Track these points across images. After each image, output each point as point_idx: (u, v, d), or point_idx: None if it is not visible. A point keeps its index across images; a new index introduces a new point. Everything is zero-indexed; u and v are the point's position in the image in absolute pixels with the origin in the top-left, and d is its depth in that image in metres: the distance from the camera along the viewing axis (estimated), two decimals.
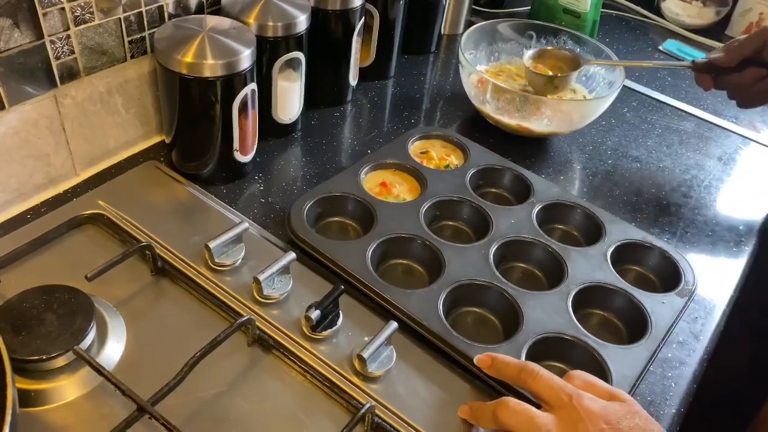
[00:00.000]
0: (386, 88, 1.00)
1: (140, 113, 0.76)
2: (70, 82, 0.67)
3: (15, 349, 0.51)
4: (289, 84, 0.81)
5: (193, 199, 0.72)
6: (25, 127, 0.65)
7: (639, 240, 0.74)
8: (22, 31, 0.61)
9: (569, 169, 0.89)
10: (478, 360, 0.57)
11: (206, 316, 0.61)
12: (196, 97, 0.69)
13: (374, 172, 0.78)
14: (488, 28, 1.00)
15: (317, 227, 0.72)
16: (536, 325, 0.62)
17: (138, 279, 0.63)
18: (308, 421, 0.54)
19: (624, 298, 0.67)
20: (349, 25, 0.85)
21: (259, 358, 0.58)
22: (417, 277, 0.69)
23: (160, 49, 0.67)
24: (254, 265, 0.64)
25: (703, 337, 0.68)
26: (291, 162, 0.82)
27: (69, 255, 0.64)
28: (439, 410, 0.56)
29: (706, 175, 0.92)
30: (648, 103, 1.06)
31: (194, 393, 0.54)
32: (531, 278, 0.71)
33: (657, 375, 0.63)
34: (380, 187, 0.77)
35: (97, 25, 0.67)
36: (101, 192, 0.71)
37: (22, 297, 0.55)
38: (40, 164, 0.68)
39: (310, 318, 0.57)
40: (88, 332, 0.54)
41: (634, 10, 1.37)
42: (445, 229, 0.75)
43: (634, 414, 0.50)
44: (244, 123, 0.72)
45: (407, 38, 1.02)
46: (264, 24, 0.74)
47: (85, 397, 0.53)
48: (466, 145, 0.84)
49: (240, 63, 0.67)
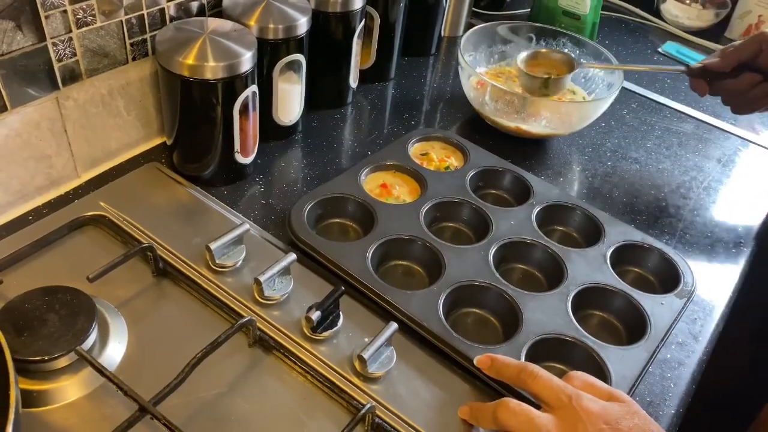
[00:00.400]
0: (386, 90, 1.00)
1: (141, 115, 0.77)
2: (72, 84, 0.68)
3: (17, 350, 0.51)
4: (290, 86, 0.81)
5: (194, 200, 0.73)
6: (27, 128, 0.65)
7: (638, 241, 0.74)
8: (24, 34, 0.61)
9: (569, 170, 0.90)
10: (477, 361, 0.57)
11: (207, 317, 0.61)
12: (197, 99, 0.69)
13: (374, 173, 0.79)
14: (488, 30, 1.00)
15: (318, 228, 0.72)
16: (536, 326, 0.62)
17: (139, 280, 0.63)
18: (309, 421, 0.54)
19: (623, 299, 0.67)
20: (350, 28, 0.86)
21: (259, 358, 0.58)
22: (417, 279, 0.69)
23: (161, 51, 0.67)
24: (255, 267, 0.65)
25: (702, 338, 0.69)
26: (292, 164, 0.83)
27: (71, 256, 0.64)
28: (439, 411, 0.56)
29: (705, 176, 0.92)
30: (647, 105, 1.07)
31: (195, 393, 0.54)
32: (531, 279, 0.71)
33: (656, 376, 0.64)
34: (380, 189, 0.77)
35: (99, 27, 0.68)
36: (103, 193, 0.71)
37: (25, 298, 0.56)
38: (41, 166, 0.69)
39: (310, 319, 0.58)
40: (90, 333, 0.54)
41: (634, 13, 1.37)
42: (445, 230, 0.76)
43: (634, 414, 0.50)
44: (245, 125, 0.73)
45: (407, 40, 1.02)
46: (265, 26, 0.74)
47: (87, 397, 0.53)
48: (466, 147, 0.84)
49: (241, 65, 0.68)
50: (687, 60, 1.22)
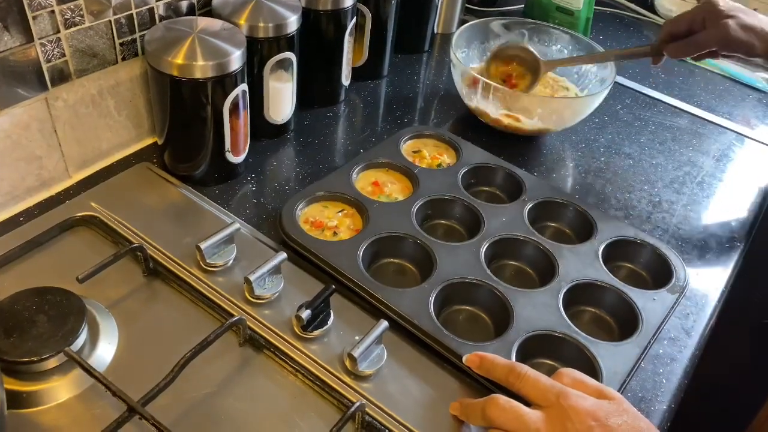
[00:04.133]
0: (379, 87, 1.00)
1: (132, 115, 0.77)
2: (61, 85, 0.68)
3: (6, 351, 0.52)
4: (281, 84, 0.81)
5: (185, 200, 0.72)
6: (16, 130, 0.65)
7: (631, 237, 0.74)
8: (12, 35, 0.61)
9: (561, 166, 0.90)
10: (467, 359, 0.57)
11: (198, 317, 0.61)
12: (187, 98, 0.69)
13: (366, 171, 0.79)
14: (481, 26, 1.00)
15: None
16: (527, 323, 0.62)
17: (130, 280, 0.63)
18: (299, 420, 0.54)
19: (615, 295, 0.67)
20: (341, 25, 0.86)
21: (250, 357, 0.58)
22: (409, 276, 0.69)
23: (150, 51, 0.67)
24: (245, 266, 0.65)
25: (695, 334, 0.68)
26: (283, 162, 0.83)
27: (61, 257, 0.64)
28: (429, 408, 0.56)
29: (699, 171, 0.92)
30: (641, 100, 1.07)
31: (185, 393, 0.54)
32: (522, 276, 0.71)
33: (648, 371, 0.63)
34: (372, 187, 0.77)
35: (88, 27, 0.67)
36: (94, 194, 0.71)
37: (14, 299, 0.56)
38: (32, 167, 0.69)
39: (301, 317, 0.58)
40: (80, 334, 0.54)
41: (628, 7, 1.37)
42: (437, 227, 0.75)
43: (623, 411, 0.50)
44: (236, 124, 0.73)
45: (400, 37, 1.02)
46: (255, 25, 0.74)
47: (76, 398, 0.53)
48: (459, 144, 0.84)
49: (230, 64, 0.68)
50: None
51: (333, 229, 0.70)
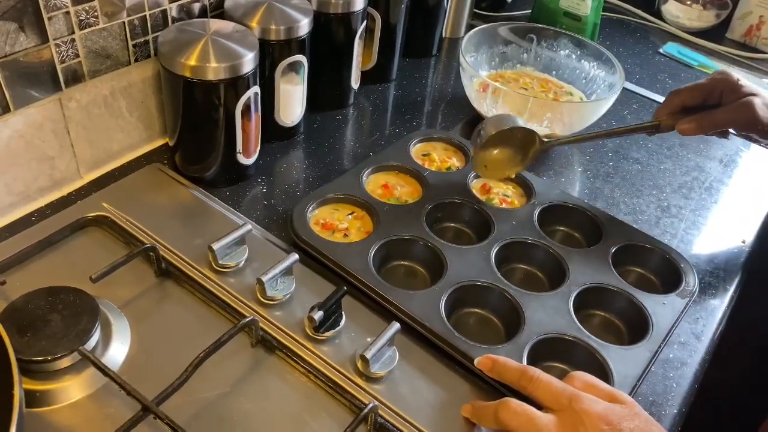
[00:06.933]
0: (388, 90, 1.01)
1: (144, 116, 0.77)
2: (74, 86, 0.68)
3: (20, 350, 0.52)
4: (292, 87, 0.81)
5: (196, 201, 0.73)
6: (29, 130, 0.66)
7: (640, 241, 0.74)
8: (27, 35, 0.61)
9: (570, 170, 0.90)
10: (478, 362, 0.58)
11: (210, 318, 0.61)
12: (199, 100, 0.69)
13: (376, 174, 0.79)
14: (489, 31, 1.00)
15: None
16: (538, 326, 0.62)
17: (142, 280, 0.63)
18: (311, 421, 0.54)
19: (625, 299, 0.67)
20: (351, 29, 0.86)
21: (262, 358, 0.58)
22: (419, 279, 0.69)
23: (163, 52, 0.67)
24: (257, 267, 0.65)
25: (705, 338, 0.69)
26: (293, 164, 0.83)
27: (73, 257, 0.64)
28: (441, 410, 0.56)
29: (706, 176, 0.92)
30: (649, 106, 1.07)
31: (198, 393, 0.54)
32: (532, 279, 0.71)
33: (658, 375, 0.64)
34: (382, 189, 0.77)
35: (102, 29, 0.68)
36: (105, 194, 0.71)
37: (28, 298, 0.56)
38: (44, 167, 0.69)
39: (313, 319, 0.58)
40: (93, 333, 0.54)
41: (635, 13, 1.38)
42: (446, 230, 0.76)
43: (635, 416, 0.50)
44: (247, 126, 0.73)
45: (409, 41, 1.02)
46: (267, 27, 0.75)
47: (89, 397, 0.53)
48: (468, 148, 0.84)
49: (243, 66, 0.68)
50: (688, 60, 1.22)
51: (344, 231, 0.71)
